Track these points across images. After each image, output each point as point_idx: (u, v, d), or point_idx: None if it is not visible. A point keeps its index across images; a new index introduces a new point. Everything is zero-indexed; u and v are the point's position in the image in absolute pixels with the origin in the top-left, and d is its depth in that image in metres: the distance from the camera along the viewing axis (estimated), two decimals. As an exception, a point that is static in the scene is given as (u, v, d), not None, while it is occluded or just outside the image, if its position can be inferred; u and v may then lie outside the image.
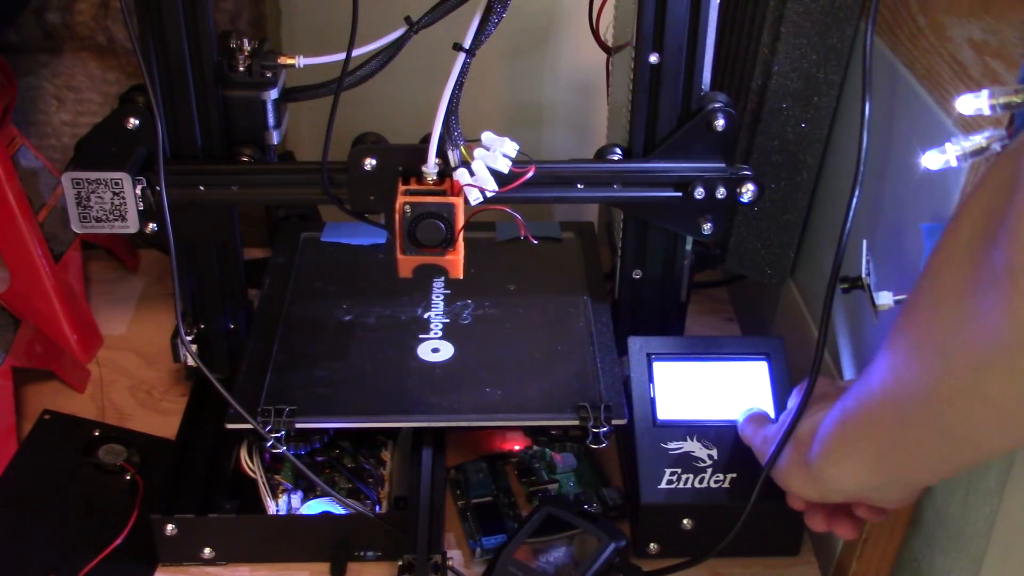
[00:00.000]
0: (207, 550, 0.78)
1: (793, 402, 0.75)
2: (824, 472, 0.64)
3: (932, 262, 0.52)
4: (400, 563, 0.74)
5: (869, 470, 0.60)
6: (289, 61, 0.79)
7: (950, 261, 0.50)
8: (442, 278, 0.94)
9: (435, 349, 0.86)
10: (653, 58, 0.77)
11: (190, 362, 0.88)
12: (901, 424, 0.55)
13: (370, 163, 0.77)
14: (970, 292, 0.48)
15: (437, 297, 0.92)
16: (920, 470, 0.59)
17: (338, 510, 0.80)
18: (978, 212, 0.48)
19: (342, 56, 0.75)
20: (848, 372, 0.81)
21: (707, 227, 0.82)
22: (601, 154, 0.83)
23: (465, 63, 0.71)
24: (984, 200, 0.48)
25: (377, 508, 0.82)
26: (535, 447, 0.87)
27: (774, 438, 0.71)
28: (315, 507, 0.81)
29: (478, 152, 0.74)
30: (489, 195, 0.74)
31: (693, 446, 0.79)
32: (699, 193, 0.80)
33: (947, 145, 0.58)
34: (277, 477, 0.82)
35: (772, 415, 0.79)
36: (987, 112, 0.54)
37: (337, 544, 0.78)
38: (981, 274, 0.47)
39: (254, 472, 0.81)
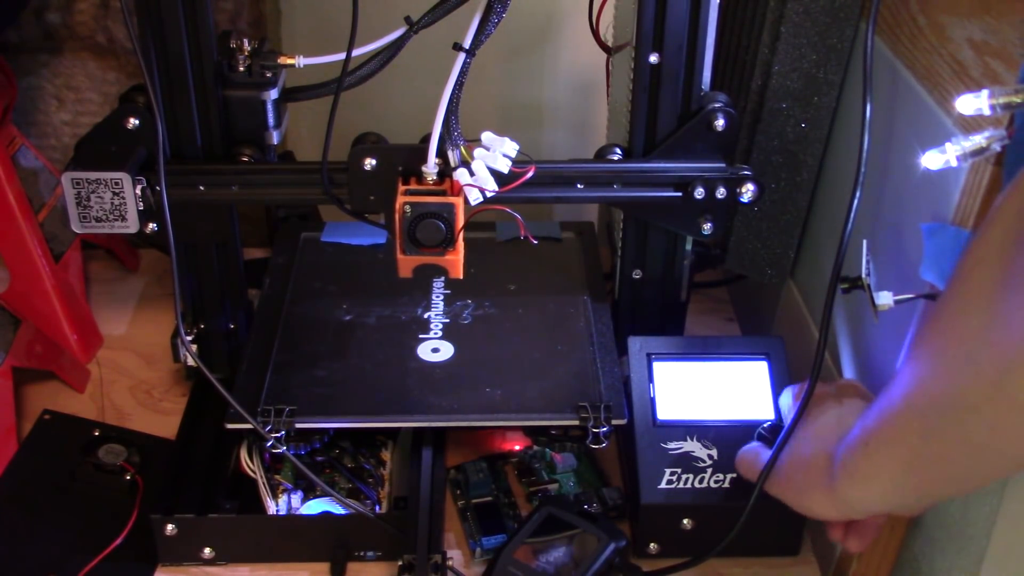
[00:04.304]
0: (207, 550, 0.78)
1: (786, 400, 0.75)
2: (849, 495, 0.61)
3: (960, 268, 0.51)
4: (400, 563, 0.74)
5: (895, 488, 0.58)
6: (289, 61, 0.79)
7: (980, 264, 0.49)
8: (442, 278, 0.94)
9: (435, 349, 0.86)
10: (653, 58, 0.77)
11: (190, 362, 0.88)
12: (925, 437, 0.53)
13: (370, 163, 0.77)
14: (1000, 293, 0.46)
15: (437, 297, 0.92)
16: (945, 484, 0.57)
17: (338, 510, 0.80)
18: (1011, 216, 0.47)
19: (342, 56, 0.75)
20: (848, 372, 0.81)
21: (707, 227, 0.82)
22: (601, 154, 0.83)
23: (465, 63, 0.71)
24: (1018, 203, 0.47)
25: (377, 508, 0.82)
26: (535, 447, 0.87)
27: (768, 451, 0.70)
28: (315, 507, 0.81)
29: (478, 152, 0.74)
30: (489, 195, 0.73)
31: (693, 446, 0.79)
32: (699, 193, 0.80)
33: (947, 145, 0.58)
34: (277, 477, 0.82)
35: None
36: (987, 112, 0.54)
37: (337, 544, 0.78)
38: (1012, 273, 0.46)
39: (254, 472, 0.81)
